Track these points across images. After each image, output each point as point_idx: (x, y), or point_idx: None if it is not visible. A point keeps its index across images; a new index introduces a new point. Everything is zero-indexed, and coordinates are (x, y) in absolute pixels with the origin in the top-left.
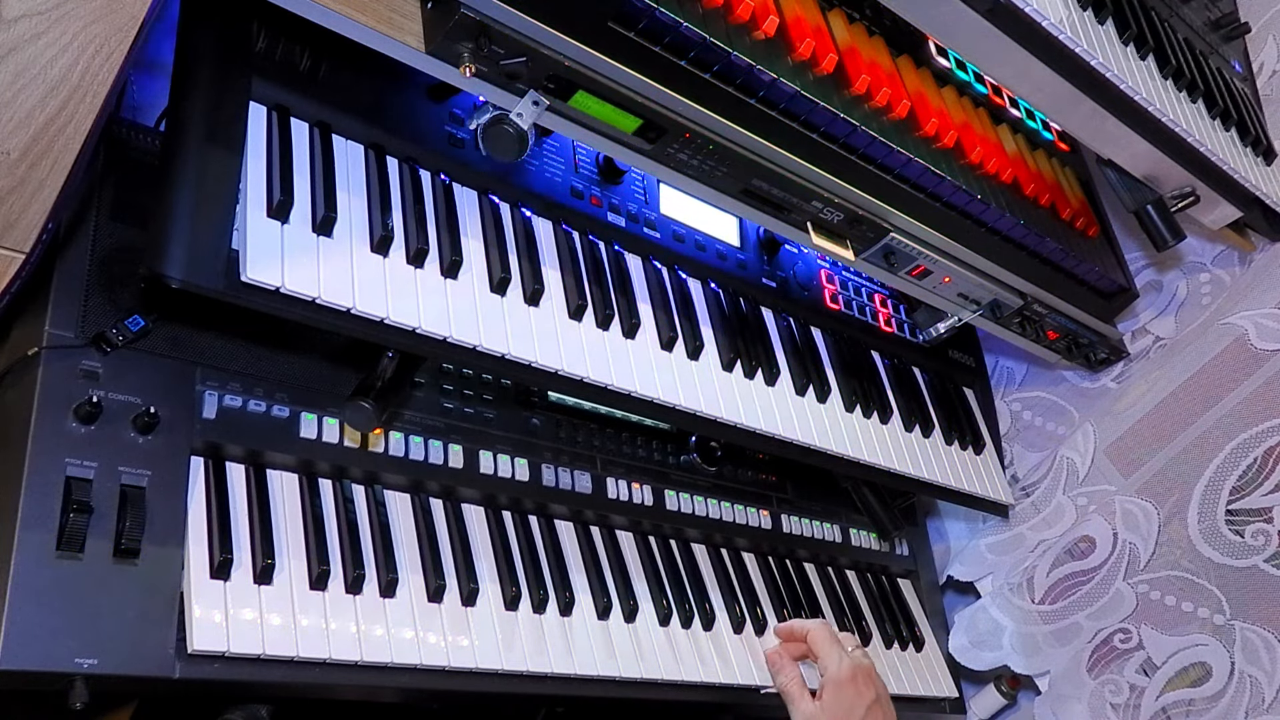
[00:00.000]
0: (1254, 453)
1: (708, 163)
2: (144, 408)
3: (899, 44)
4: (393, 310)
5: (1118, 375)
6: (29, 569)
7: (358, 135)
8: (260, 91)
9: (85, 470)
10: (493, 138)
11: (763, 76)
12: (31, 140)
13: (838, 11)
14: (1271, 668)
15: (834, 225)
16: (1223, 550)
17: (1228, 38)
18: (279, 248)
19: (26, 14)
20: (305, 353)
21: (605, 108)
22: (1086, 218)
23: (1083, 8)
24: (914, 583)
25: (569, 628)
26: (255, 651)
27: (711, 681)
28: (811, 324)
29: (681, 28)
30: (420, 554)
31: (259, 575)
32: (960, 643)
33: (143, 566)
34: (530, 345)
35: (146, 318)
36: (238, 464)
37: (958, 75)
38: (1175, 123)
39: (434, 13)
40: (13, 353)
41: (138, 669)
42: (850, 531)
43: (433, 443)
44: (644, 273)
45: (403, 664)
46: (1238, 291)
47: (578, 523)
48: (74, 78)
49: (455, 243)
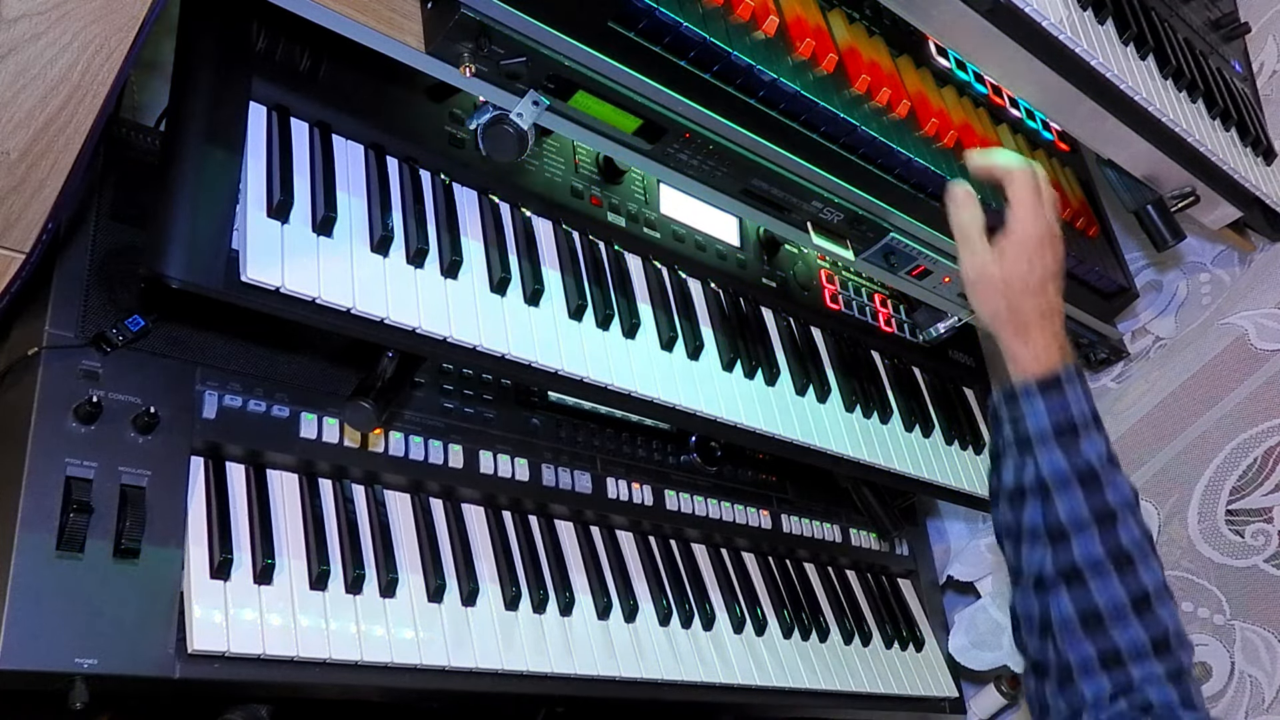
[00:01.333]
0: (1254, 453)
1: (708, 163)
2: (144, 408)
3: (899, 44)
4: (393, 310)
5: (1118, 375)
6: (29, 569)
7: (358, 135)
8: (260, 91)
9: (85, 470)
10: (493, 138)
11: (763, 76)
12: (31, 140)
13: (838, 11)
14: (1271, 668)
15: (834, 225)
16: (1223, 550)
17: (1228, 38)
18: (279, 248)
19: (26, 14)
20: (305, 353)
21: (605, 108)
22: (1086, 218)
23: (1083, 8)
24: (914, 583)
25: (569, 628)
26: (255, 651)
27: (711, 681)
28: (811, 324)
29: (681, 28)
30: (420, 554)
31: (259, 575)
32: (960, 643)
33: (143, 566)
34: (530, 345)
35: (146, 318)
36: (238, 464)
37: (958, 75)
38: (1175, 123)
39: (434, 13)
40: (13, 353)
41: (138, 669)
42: (850, 531)
43: (433, 443)
44: (644, 273)
45: (403, 664)
46: (1238, 291)
47: (578, 523)
48: (74, 78)
49: (455, 243)
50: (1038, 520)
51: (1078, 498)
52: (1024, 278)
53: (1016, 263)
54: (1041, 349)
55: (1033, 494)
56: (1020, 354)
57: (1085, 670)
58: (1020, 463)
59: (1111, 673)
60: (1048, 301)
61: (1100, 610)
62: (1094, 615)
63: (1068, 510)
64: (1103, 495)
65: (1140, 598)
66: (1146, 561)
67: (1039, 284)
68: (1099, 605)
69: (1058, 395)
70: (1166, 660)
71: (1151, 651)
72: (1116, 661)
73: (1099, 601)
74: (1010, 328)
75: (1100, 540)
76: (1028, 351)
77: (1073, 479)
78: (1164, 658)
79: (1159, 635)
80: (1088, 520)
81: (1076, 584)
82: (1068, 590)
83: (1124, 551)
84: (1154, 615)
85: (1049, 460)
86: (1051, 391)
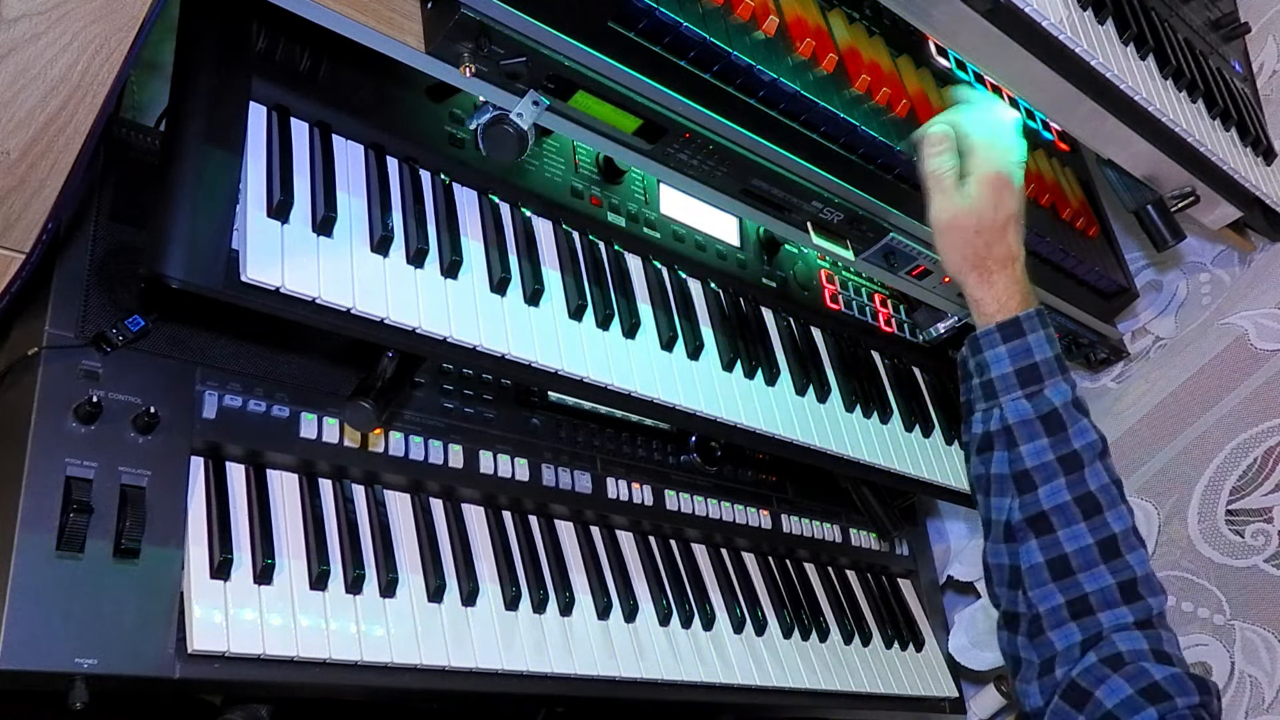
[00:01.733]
0: (1254, 453)
1: (708, 163)
2: (144, 408)
3: (899, 44)
4: (393, 310)
5: (1118, 375)
6: (29, 569)
7: (358, 135)
8: (260, 91)
9: (85, 470)
10: (493, 138)
11: (763, 76)
12: (31, 140)
13: (838, 11)
14: (1271, 668)
15: (834, 225)
16: (1223, 550)
17: (1228, 38)
18: (279, 248)
19: (26, 14)
20: (305, 353)
21: (605, 108)
22: (1086, 218)
23: (1083, 8)
24: (914, 583)
25: (569, 628)
26: (255, 651)
27: (711, 681)
28: (811, 324)
29: (681, 28)
30: (420, 554)
31: (259, 575)
32: (960, 643)
33: (143, 566)
34: (530, 345)
35: (146, 318)
36: (238, 464)
37: (958, 75)
38: (1175, 123)
39: (434, 13)
40: (13, 353)
41: (138, 669)
42: (850, 531)
43: (433, 443)
44: (644, 273)
45: (403, 664)
46: (1238, 291)
47: (578, 523)
48: (74, 78)
49: (455, 243)
50: (1004, 468)
51: (1042, 442)
52: (991, 220)
53: (983, 204)
54: (1002, 292)
55: (999, 440)
56: (983, 299)
57: (1054, 620)
58: (987, 410)
59: (1080, 621)
60: (1008, 246)
61: (1068, 557)
62: (1062, 563)
63: (1032, 455)
64: (1068, 439)
65: (1107, 544)
66: (1115, 508)
67: (1002, 226)
68: (1066, 552)
69: (1019, 339)
70: (1136, 608)
71: (1120, 598)
72: (1085, 610)
73: (1067, 549)
74: (975, 273)
75: (1066, 486)
76: (989, 296)
77: (1036, 423)
78: (1133, 605)
79: (1126, 581)
80: (1053, 466)
81: (1044, 531)
82: (1036, 538)
83: (1091, 497)
84: (1122, 561)
85: (1013, 405)
86: (1013, 335)
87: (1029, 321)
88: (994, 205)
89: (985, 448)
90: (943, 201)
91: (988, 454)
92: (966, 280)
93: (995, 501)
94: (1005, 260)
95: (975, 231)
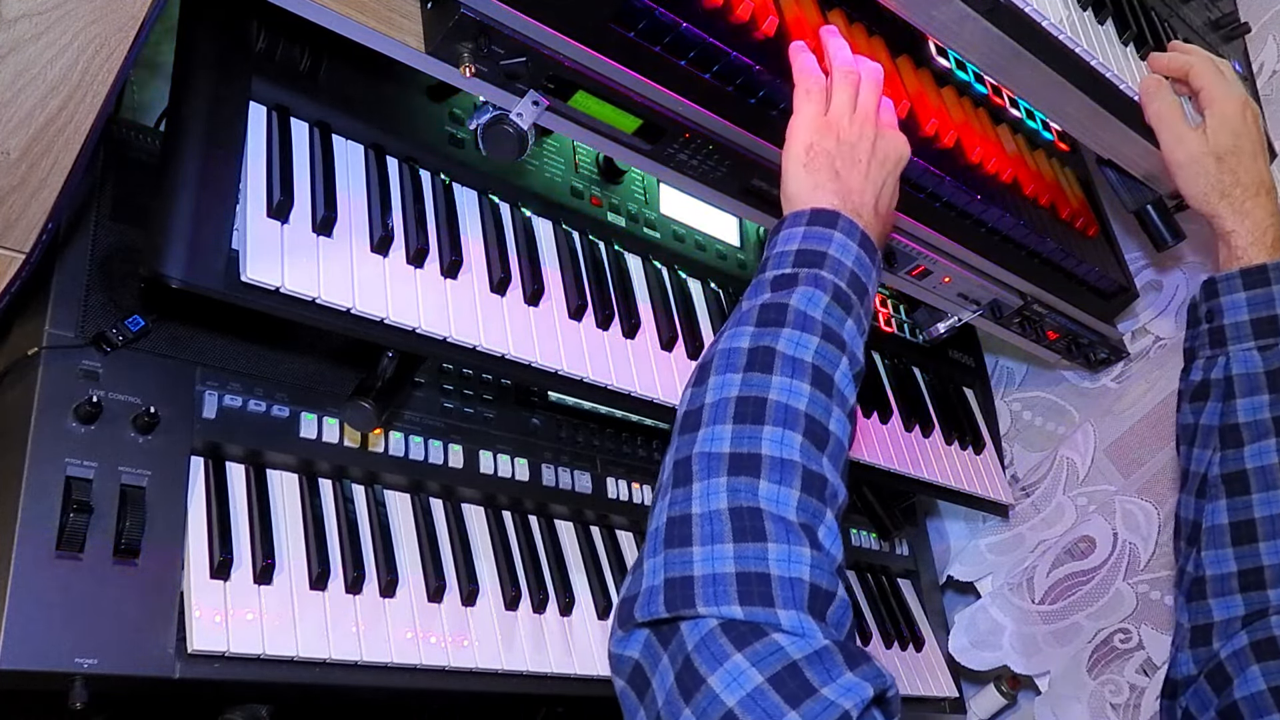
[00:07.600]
0: None
1: (708, 163)
2: (144, 408)
3: (899, 44)
4: (393, 310)
5: (1118, 375)
6: (29, 569)
7: (358, 135)
8: (260, 91)
9: (85, 470)
10: (493, 138)
11: (763, 76)
12: (31, 140)
13: (837, 11)
14: None
15: None
16: None
17: (1228, 38)
18: (279, 248)
19: (26, 14)
20: (305, 353)
21: (605, 108)
22: (1086, 218)
23: (1083, 8)
24: (914, 583)
25: (569, 628)
26: (255, 651)
27: None
28: None
29: (681, 28)
30: (420, 554)
31: (259, 575)
32: (960, 643)
33: (143, 566)
34: (530, 345)
35: (146, 318)
36: (238, 464)
37: (958, 75)
38: None
39: (434, 13)
40: (13, 353)
41: (138, 669)
42: (850, 531)
43: (433, 443)
44: (644, 273)
45: (403, 664)
46: None
47: (578, 523)
48: (74, 78)
49: (455, 243)
50: (1214, 419)
51: (1261, 398)
52: (1234, 150)
53: (1221, 136)
54: (1257, 224)
55: (1215, 390)
56: (1235, 230)
57: (1220, 587)
58: (1211, 358)
59: (1247, 595)
60: (1259, 172)
61: (1255, 524)
62: (1247, 529)
63: (1247, 410)
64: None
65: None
66: None
67: (1251, 154)
68: (1255, 518)
69: (1262, 287)
70: None
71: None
72: (1257, 583)
73: (1256, 515)
74: (1225, 203)
75: (1277, 448)
76: (1243, 227)
77: (1261, 377)
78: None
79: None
80: (1266, 425)
81: (1238, 492)
82: (1226, 498)
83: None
84: None
85: (1242, 355)
86: (1256, 283)
87: (1277, 271)
88: (1234, 136)
89: (1199, 396)
90: (1174, 142)
91: (1200, 404)
92: (1215, 212)
93: (1197, 453)
94: (1257, 187)
95: (1221, 164)
